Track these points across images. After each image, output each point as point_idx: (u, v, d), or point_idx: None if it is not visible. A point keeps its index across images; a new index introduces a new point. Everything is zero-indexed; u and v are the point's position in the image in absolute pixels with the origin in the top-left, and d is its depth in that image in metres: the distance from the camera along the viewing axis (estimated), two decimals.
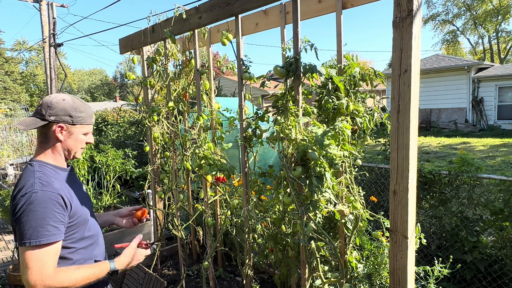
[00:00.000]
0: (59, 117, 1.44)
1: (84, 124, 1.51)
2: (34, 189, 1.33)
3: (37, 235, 1.29)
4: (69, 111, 1.46)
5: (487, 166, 7.85)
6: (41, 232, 1.30)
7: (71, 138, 1.49)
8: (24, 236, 1.29)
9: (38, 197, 1.32)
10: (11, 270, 3.70)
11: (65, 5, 11.02)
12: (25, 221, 1.29)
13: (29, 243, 1.28)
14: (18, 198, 1.33)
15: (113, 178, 6.29)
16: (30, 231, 1.29)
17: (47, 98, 1.48)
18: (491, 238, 3.16)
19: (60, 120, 1.44)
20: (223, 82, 19.36)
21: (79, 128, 1.50)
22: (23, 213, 1.30)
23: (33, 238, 1.29)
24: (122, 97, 45.14)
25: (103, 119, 10.09)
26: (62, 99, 1.47)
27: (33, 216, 1.30)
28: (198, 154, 2.80)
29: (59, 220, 1.36)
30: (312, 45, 2.09)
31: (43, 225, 1.30)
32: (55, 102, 1.45)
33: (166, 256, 4.05)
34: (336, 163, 1.86)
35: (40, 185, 1.35)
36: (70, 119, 1.46)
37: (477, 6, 29.52)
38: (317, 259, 2.05)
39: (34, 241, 1.29)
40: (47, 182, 1.38)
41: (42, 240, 1.30)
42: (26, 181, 1.37)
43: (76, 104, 1.48)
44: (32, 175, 1.38)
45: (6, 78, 31.96)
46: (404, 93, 1.52)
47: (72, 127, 1.48)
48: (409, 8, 1.46)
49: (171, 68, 3.34)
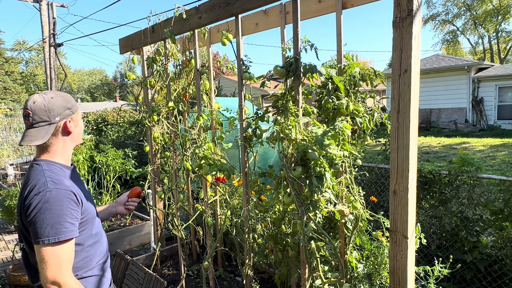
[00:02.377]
0: (63, 114, 1.47)
1: (77, 109, 1.56)
2: (48, 187, 1.34)
3: (56, 232, 1.31)
4: (65, 105, 1.49)
5: (487, 166, 7.85)
6: (59, 229, 1.32)
7: (77, 126, 1.55)
8: (42, 234, 1.30)
9: (53, 195, 1.33)
10: (11, 270, 3.70)
11: (65, 5, 11.02)
12: (42, 219, 1.30)
13: (48, 240, 1.30)
14: (32, 197, 1.33)
15: (113, 178, 6.29)
16: (48, 229, 1.30)
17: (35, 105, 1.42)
18: (491, 238, 3.16)
19: (65, 116, 1.48)
20: (223, 82, 19.37)
21: (77, 114, 1.55)
22: (39, 211, 1.31)
23: (51, 235, 1.30)
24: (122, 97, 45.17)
25: (103, 119, 10.09)
26: (51, 97, 1.46)
27: (50, 214, 1.31)
28: (198, 154, 2.80)
29: (74, 217, 1.38)
30: (312, 45, 2.09)
31: (60, 222, 1.32)
32: (48, 103, 1.43)
33: (166, 256, 4.05)
34: (336, 163, 1.86)
35: (52, 183, 1.36)
36: (70, 111, 1.50)
37: (477, 6, 29.53)
38: (317, 259, 2.05)
39: (52, 238, 1.30)
40: (58, 180, 1.39)
41: (61, 237, 1.32)
42: (37, 180, 1.37)
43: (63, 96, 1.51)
44: (42, 174, 1.39)
45: (6, 78, 31.97)
46: (404, 93, 1.52)
47: (74, 115, 1.53)
48: (409, 8, 1.46)
49: (171, 68, 3.34)
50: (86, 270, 1.51)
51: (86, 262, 1.50)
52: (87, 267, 1.51)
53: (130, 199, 1.94)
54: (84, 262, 1.49)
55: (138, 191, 1.94)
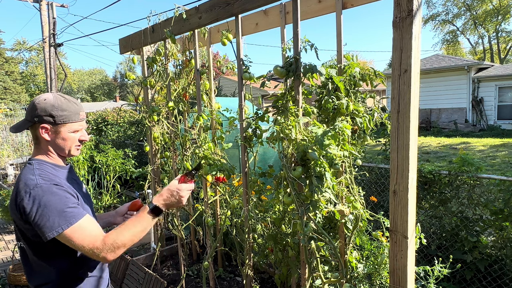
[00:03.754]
0: (41, 118, 1.42)
1: (69, 123, 1.46)
2: (38, 183, 1.34)
3: (65, 219, 1.30)
4: (50, 111, 1.42)
5: (487, 166, 7.85)
6: (66, 215, 1.31)
7: (58, 138, 1.47)
8: (52, 227, 1.29)
9: (45, 189, 1.33)
10: (11, 270, 3.70)
11: (65, 5, 11.02)
12: (44, 214, 1.29)
13: (61, 229, 1.29)
14: (23, 195, 1.32)
15: (113, 178, 6.29)
16: (56, 219, 1.29)
17: (33, 99, 1.48)
18: (491, 238, 3.16)
19: (42, 121, 1.43)
20: (223, 82, 19.36)
21: (64, 126, 1.46)
22: (39, 208, 1.30)
23: (62, 223, 1.30)
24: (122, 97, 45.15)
25: (103, 119, 10.09)
26: (44, 99, 1.44)
27: (50, 207, 1.30)
28: (198, 154, 2.80)
29: (75, 202, 1.38)
30: (312, 45, 2.09)
31: (64, 209, 1.32)
32: (37, 102, 1.44)
33: (166, 256, 4.05)
34: (336, 163, 1.86)
35: (42, 180, 1.36)
36: (51, 119, 1.43)
37: (477, 6, 29.53)
38: (317, 259, 2.05)
39: (65, 225, 1.30)
40: (48, 177, 1.39)
41: (72, 221, 1.31)
42: (27, 178, 1.37)
43: (58, 103, 1.44)
44: (32, 173, 1.39)
45: (6, 78, 31.98)
46: (404, 93, 1.52)
47: (56, 126, 1.45)
48: (409, 8, 1.46)
49: (171, 68, 3.34)
50: (83, 271, 1.50)
51: (83, 262, 1.49)
52: (85, 268, 1.51)
53: (129, 212, 1.88)
54: (81, 262, 1.48)
55: (139, 204, 1.90)
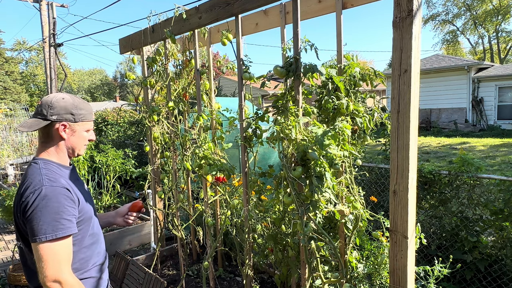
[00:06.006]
0: (61, 116, 1.46)
1: (85, 121, 1.53)
2: (44, 184, 1.34)
3: (53, 229, 1.30)
4: (70, 109, 1.47)
5: (487, 166, 7.85)
6: (56, 226, 1.31)
7: (74, 136, 1.51)
8: (39, 232, 1.29)
9: (49, 192, 1.33)
10: (11, 270, 3.70)
11: (65, 5, 11.02)
12: (38, 216, 1.30)
13: (45, 237, 1.29)
14: (27, 195, 1.33)
15: (113, 178, 6.29)
16: (45, 226, 1.30)
17: (46, 98, 1.49)
18: (491, 238, 3.16)
19: (62, 119, 1.46)
20: (223, 82, 19.36)
21: (81, 125, 1.52)
22: (36, 209, 1.30)
23: (49, 232, 1.30)
24: (122, 97, 45.16)
25: (103, 119, 10.08)
26: (62, 98, 1.49)
27: (47, 211, 1.31)
28: (198, 154, 2.80)
29: (71, 214, 1.38)
30: (312, 45, 2.09)
31: (57, 219, 1.32)
32: (55, 101, 1.46)
33: (166, 256, 4.05)
34: (336, 163, 1.86)
35: (48, 181, 1.36)
36: (72, 117, 1.48)
37: (477, 6, 29.52)
38: (317, 259, 2.05)
39: (50, 235, 1.30)
40: (54, 178, 1.39)
41: (58, 234, 1.31)
42: (33, 178, 1.37)
43: (76, 102, 1.50)
44: (39, 172, 1.39)
45: (6, 78, 31.96)
46: (404, 93, 1.52)
47: (75, 124, 1.50)
48: (409, 8, 1.46)
49: (171, 68, 3.34)
50: (83, 272, 1.50)
51: (83, 263, 1.49)
52: (84, 269, 1.51)
53: (130, 213, 1.90)
54: (81, 264, 1.48)
55: (139, 205, 1.92)
